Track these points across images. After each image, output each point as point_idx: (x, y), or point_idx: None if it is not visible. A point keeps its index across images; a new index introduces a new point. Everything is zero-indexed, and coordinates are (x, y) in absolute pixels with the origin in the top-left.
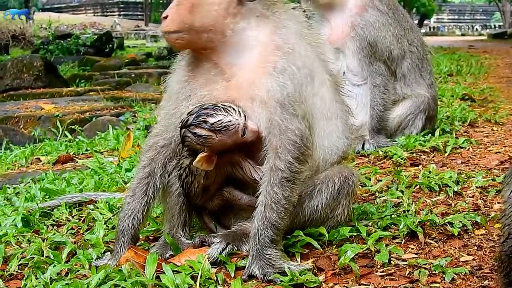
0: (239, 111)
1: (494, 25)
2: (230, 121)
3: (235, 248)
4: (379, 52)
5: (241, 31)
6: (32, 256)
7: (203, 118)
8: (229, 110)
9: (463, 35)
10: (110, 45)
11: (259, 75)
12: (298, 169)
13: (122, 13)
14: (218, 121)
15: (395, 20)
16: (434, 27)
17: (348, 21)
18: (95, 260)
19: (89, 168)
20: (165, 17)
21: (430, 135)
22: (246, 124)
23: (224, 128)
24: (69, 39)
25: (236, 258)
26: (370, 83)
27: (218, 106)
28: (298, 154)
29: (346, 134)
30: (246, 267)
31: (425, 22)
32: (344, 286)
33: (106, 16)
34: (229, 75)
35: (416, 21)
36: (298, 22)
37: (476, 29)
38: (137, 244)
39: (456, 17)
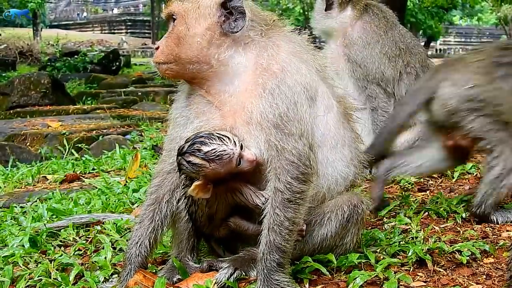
0: (234, 141)
1: None
2: (224, 150)
3: (243, 273)
4: (371, 75)
5: (227, 60)
6: (39, 277)
7: (197, 147)
8: (224, 140)
9: None
10: (117, 63)
11: (250, 99)
12: (299, 189)
13: (129, 30)
14: (212, 150)
15: (386, 39)
16: (440, 50)
17: (337, 42)
18: (102, 282)
19: (96, 187)
20: (157, 48)
21: None
22: (242, 154)
23: (218, 158)
24: (76, 56)
25: (244, 283)
26: (369, 107)
27: (213, 135)
28: (297, 174)
29: (354, 162)
30: None
31: (432, 44)
32: None
33: (113, 33)
34: (221, 103)
35: (423, 43)
36: (291, 42)
37: None
38: None
39: (463, 39)
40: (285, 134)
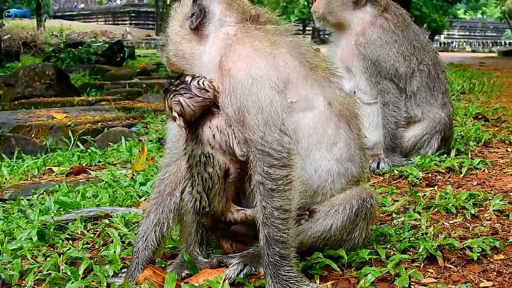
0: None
1: (505, 42)
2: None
3: (253, 269)
4: (385, 71)
5: (199, 54)
6: (48, 271)
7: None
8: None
9: (473, 51)
10: (121, 54)
11: None
12: (280, 175)
13: (133, 22)
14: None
15: (403, 38)
16: (444, 43)
17: (352, 40)
18: (111, 277)
19: (103, 180)
20: None
21: (445, 155)
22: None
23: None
24: (80, 47)
25: (254, 279)
26: (380, 102)
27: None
28: (272, 161)
29: (354, 159)
30: None
31: (436, 37)
32: None
33: (117, 24)
34: None
35: (427, 36)
36: (263, 38)
37: (487, 46)
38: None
39: (467, 33)
40: (248, 127)
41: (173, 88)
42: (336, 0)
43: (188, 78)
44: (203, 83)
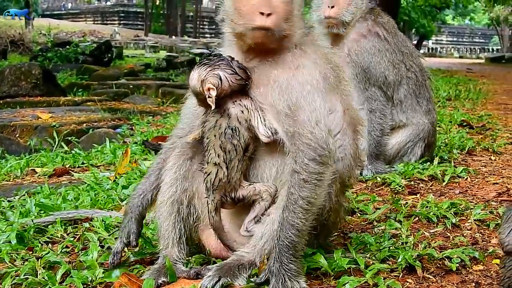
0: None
1: (492, 49)
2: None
3: (229, 280)
4: (374, 78)
5: (283, 38)
6: (26, 276)
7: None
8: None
9: (461, 57)
10: (109, 55)
11: (264, 81)
12: (316, 170)
13: (122, 22)
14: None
15: (393, 45)
16: (432, 49)
17: (345, 48)
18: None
19: (85, 183)
20: None
21: (428, 163)
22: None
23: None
24: (68, 46)
25: None
26: (367, 108)
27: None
28: (314, 156)
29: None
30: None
31: (424, 43)
32: None
33: (106, 24)
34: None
35: (415, 42)
36: (316, 51)
37: (474, 52)
38: (143, 220)
39: (455, 39)
40: (299, 122)
41: (212, 63)
42: (359, 8)
43: (228, 57)
44: (242, 64)
